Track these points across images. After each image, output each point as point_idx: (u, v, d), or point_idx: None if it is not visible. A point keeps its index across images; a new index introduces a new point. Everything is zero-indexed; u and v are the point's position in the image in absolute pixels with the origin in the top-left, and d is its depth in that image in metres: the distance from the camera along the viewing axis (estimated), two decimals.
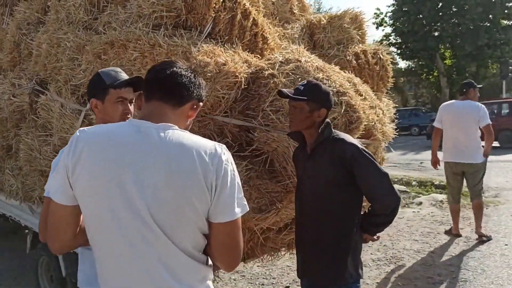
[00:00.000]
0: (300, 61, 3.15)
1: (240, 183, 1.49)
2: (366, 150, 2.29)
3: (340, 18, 4.44)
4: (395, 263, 5.09)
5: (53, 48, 3.50)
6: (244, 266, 5.37)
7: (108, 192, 1.36)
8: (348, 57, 4.19)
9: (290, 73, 3.06)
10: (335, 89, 3.04)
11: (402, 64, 36.65)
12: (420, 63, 32.61)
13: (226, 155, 1.45)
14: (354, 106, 3.07)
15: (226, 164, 1.43)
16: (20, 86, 3.78)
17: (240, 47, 3.16)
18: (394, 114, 4.80)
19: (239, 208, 1.46)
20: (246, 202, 1.49)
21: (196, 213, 1.41)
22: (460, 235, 5.85)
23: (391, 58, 4.57)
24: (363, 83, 3.96)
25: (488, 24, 28.39)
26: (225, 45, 3.06)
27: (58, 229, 1.46)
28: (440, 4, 28.82)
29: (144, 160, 1.37)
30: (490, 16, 28.09)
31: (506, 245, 5.34)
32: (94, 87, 2.02)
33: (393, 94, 5.58)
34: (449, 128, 5.75)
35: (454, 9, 28.90)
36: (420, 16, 29.06)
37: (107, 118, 1.95)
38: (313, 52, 4.35)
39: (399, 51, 31.51)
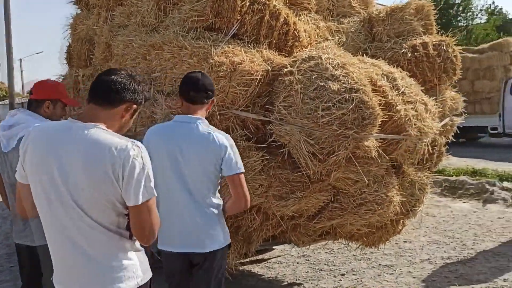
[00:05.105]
0: (321, 58, 3.29)
1: (150, 174, 1.82)
2: None
3: (401, 10, 4.37)
4: (465, 264, 4.85)
5: (125, 49, 4.15)
6: (313, 251, 5.62)
7: (40, 175, 1.81)
8: (403, 50, 4.14)
9: (308, 70, 3.23)
10: (348, 86, 3.13)
11: None
12: None
13: (135, 151, 1.78)
14: (368, 103, 3.12)
15: (134, 158, 1.76)
16: None
17: (267, 46, 3.42)
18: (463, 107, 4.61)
19: (145, 195, 1.79)
20: (153, 191, 1.82)
21: (107, 198, 1.78)
22: None
23: None
24: (410, 77, 3.91)
25: None
26: (250, 45, 3.35)
27: (21, 200, 1.98)
28: None
29: (66, 152, 1.78)
30: None
31: None
32: None
33: None
34: None
35: None
36: None
37: None
38: (371, 45, 4.38)
39: None
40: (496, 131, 13.70)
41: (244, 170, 2.61)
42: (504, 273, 4.54)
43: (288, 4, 3.86)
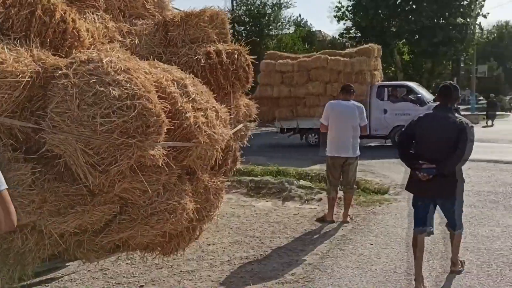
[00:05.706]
0: (102, 61, 3.05)
1: None
2: None
3: (196, 16, 4.36)
4: (260, 262, 5.11)
5: None
6: (112, 263, 5.29)
7: None
8: (197, 57, 4.13)
9: (86, 74, 2.96)
10: (131, 92, 2.96)
11: None
12: None
13: None
14: (152, 110, 3.00)
15: None
16: None
17: (39, 44, 3.04)
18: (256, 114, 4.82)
19: None
20: None
21: None
22: (334, 221, 6.48)
23: None
24: (204, 83, 3.92)
25: (444, 22, 28.93)
26: (17, 43, 2.94)
27: None
28: (398, 0, 29.21)
29: None
30: (446, 13, 28.61)
31: (371, 244, 5.44)
32: None
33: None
34: (335, 124, 6.29)
35: (412, 6, 29.32)
36: (379, 11, 29.35)
37: None
38: (166, 49, 4.28)
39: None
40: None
41: (7, 186, 2.23)
42: (293, 267, 4.90)
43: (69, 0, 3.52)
